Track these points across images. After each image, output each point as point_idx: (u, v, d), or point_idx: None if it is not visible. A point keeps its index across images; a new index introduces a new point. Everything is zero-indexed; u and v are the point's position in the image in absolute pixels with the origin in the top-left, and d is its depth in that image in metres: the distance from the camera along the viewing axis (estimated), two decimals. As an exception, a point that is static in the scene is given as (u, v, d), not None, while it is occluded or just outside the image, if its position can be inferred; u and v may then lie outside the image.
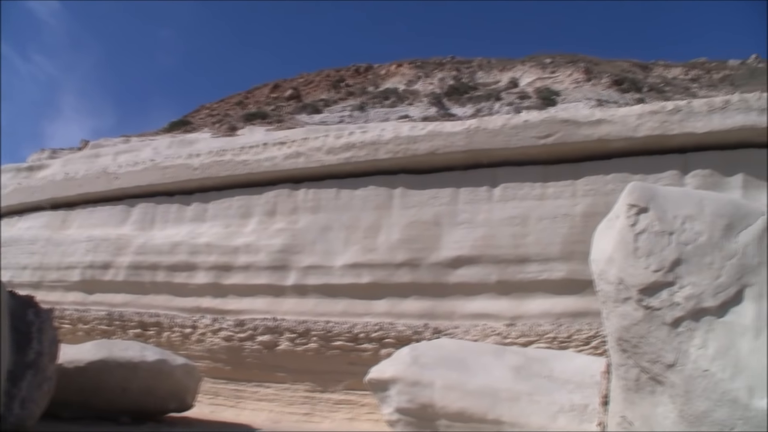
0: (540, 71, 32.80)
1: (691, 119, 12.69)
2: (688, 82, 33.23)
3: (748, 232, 5.70)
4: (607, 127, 12.95)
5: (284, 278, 15.23)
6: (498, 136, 13.59)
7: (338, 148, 15.27)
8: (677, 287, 5.30)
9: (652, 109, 13.03)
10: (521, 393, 8.93)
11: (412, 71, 38.42)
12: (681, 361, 5.18)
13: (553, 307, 12.84)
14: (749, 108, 12.60)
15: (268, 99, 37.98)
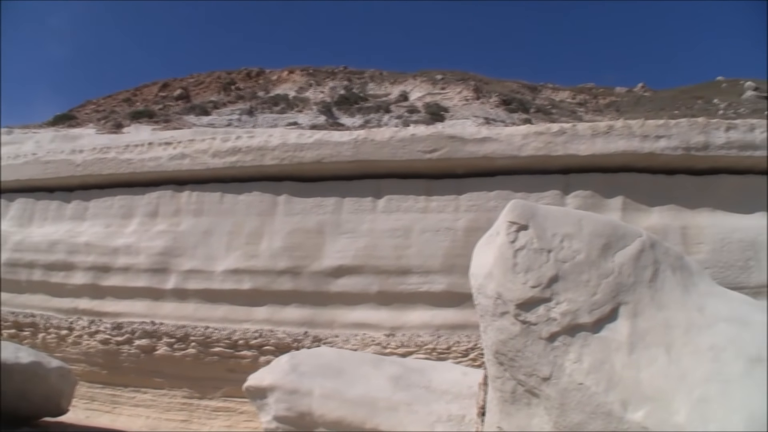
0: (430, 87, 33.12)
1: (575, 142, 13.10)
2: (574, 105, 34.16)
3: (624, 252, 5.92)
4: (492, 145, 13.24)
5: (164, 281, 15.03)
6: (385, 148, 13.72)
7: (224, 151, 15.14)
8: (554, 303, 5.44)
9: (538, 130, 13.40)
10: (399, 403, 8.97)
11: (304, 78, 38.31)
12: (556, 374, 5.32)
13: (433, 319, 13.03)
14: (632, 134, 13.10)
15: (157, 98, 37.30)
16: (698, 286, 6.52)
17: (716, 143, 13.28)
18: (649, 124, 13.28)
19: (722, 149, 13.30)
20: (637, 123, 13.34)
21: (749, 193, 13.57)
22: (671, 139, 13.13)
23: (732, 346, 5.96)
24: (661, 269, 6.12)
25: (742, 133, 13.49)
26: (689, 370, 5.55)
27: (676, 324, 5.86)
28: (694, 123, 13.45)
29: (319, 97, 33.20)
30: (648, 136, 13.09)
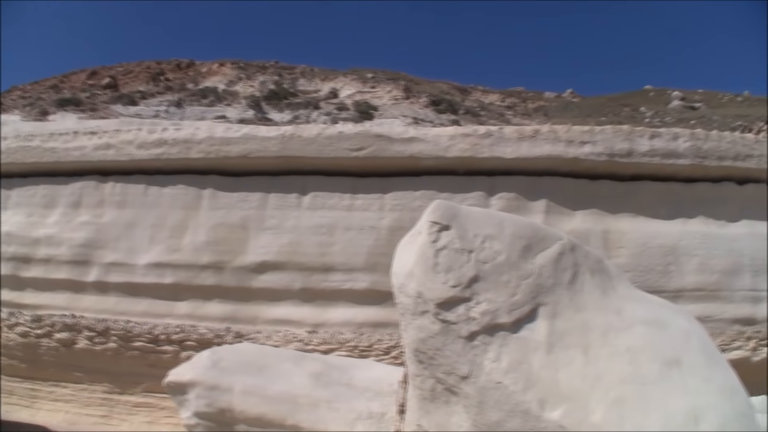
0: (361, 85, 33.12)
1: (501, 144, 13.23)
2: (503, 108, 34.52)
3: (544, 254, 5.99)
4: (419, 145, 13.29)
5: (85, 274, 14.74)
6: (312, 144, 13.66)
7: (150, 143, 14.88)
8: (474, 303, 5.48)
9: (464, 132, 13.49)
10: (320, 400, 8.95)
11: (234, 72, 37.99)
12: (475, 373, 5.36)
13: (356, 317, 13.06)
14: (557, 139, 13.28)
15: (85, 85, 36.62)
16: (617, 289, 6.63)
17: (640, 150, 13.55)
18: (575, 129, 13.48)
19: (646, 156, 13.57)
20: (563, 128, 13.54)
21: (671, 200, 13.89)
22: (596, 145, 13.35)
23: (649, 349, 6.07)
24: (580, 272, 6.21)
25: (665, 141, 13.78)
26: (606, 371, 5.64)
27: (594, 326, 5.95)
28: (619, 130, 13.70)
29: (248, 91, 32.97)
30: (573, 142, 13.29)
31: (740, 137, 14.95)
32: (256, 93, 31.96)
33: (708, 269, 13.62)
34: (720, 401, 6.09)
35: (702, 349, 6.82)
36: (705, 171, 14.04)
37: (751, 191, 14.54)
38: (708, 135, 14.31)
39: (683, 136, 13.94)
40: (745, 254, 13.99)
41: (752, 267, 14.04)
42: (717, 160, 14.02)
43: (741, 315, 13.84)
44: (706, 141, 14.09)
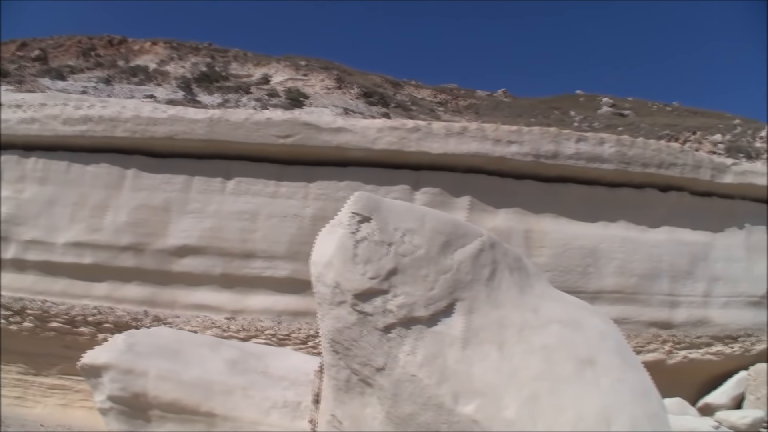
0: (293, 72, 32.81)
1: (429, 140, 13.25)
2: (435, 104, 34.49)
3: (464, 250, 6.00)
4: (346, 136, 13.25)
5: (3, 251, 14.34)
6: (239, 129, 13.51)
7: (75, 119, 14.52)
8: (391, 295, 5.47)
9: (393, 125, 13.49)
10: (235, 387, 8.91)
11: (167, 51, 37.28)
12: (390, 365, 5.35)
13: (275, 305, 12.98)
14: (485, 137, 13.36)
15: (13, 57, 35.57)
16: (534, 287, 6.68)
17: (566, 153, 13.71)
18: (503, 129, 13.58)
19: (571, 159, 13.74)
20: (491, 127, 13.63)
21: (593, 203, 14.10)
22: (523, 145, 13.47)
23: (564, 348, 6.13)
24: (499, 269, 6.24)
25: (591, 145, 13.98)
26: (521, 367, 5.68)
27: (511, 323, 5.98)
28: (546, 132, 13.85)
29: (179, 71, 32.37)
30: (500, 141, 13.39)
31: (665, 146, 15.24)
32: (187, 74, 31.40)
33: (627, 272, 13.86)
34: (632, 402, 6.18)
35: (617, 350, 6.91)
36: (629, 177, 14.28)
37: (673, 199, 14.83)
38: (633, 142, 14.55)
39: (609, 142, 14.14)
40: (664, 260, 14.26)
41: (670, 272, 14.33)
42: (641, 167, 14.26)
43: (658, 318, 14.12)
44: (632, 148, 14.32)
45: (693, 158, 15.12)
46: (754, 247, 15.55)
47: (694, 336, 14.45)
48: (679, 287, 14.38)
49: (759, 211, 15.89)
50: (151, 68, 32.62)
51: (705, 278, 14.74)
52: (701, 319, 14.57)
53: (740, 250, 15.36)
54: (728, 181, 15.30)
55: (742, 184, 15.45)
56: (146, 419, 9.13)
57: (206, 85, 28.66)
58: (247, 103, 23.38)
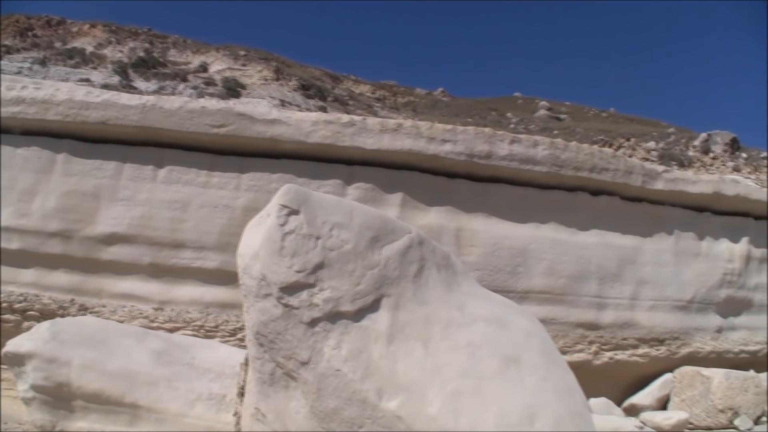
0: (232, 61, 32.55)
1: (363, 135, 13.23)
2: (373, 100, 34.47)
3: (392, 246, 6.01)
4: (280, 128, 13.14)
5: (-72, 234, 13.93)
6: (173, 117, 13.30)
7: (8, 100, 14.09)
8: (317, 289, 5.45)
9: (328, 119, 13.43)
10: (160, 378, 8.79)
11: (105, 35, 36.63)
12: (315, 359, 5.34)
13: (203, 296, 12.85)
14: (419, 135, 13.38)
15: (-50, 36, 34.69)
16: (461, 285, 6.72)
17: (499, 154, 13.80)
18: (437, 127, 13.62)
19: (504, 160, 13.84)
20: (426, 125, 13.66)
21: (525, 204, 14.22)
22: (456, 144, 13.52)
23: (489, 345, 6.17)
24: (426, 266, 6.26)
25: (525, 147, 14.10)
26: (445, 364, 5.70)
27: (437, 320, 6.01)
28: (480, 132, 13.93)
29: (117, 56, 31.87)
30: (434, 139, 13.42)
31: (598, 150, 15.46)
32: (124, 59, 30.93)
33: (555, 273, 14.02)
34: (556, 400, 6.24)
35: (542, 349, 6.98)
36: (560, 179, 14.44)
37: (604, 203, 15.05)
38: (567, 145, 14.71)
39: (542, 144, 14.28)
40: (592, 262, 14.46)
41: (599, 274, 14.54)
42: (573, 170, 14.43)
43: (585, 319, 14.31)
44: (564, 151, 14.48)
45: (625, 164, 15.36)
46: (682, 253, 15.87)
47: (620, 337, 14.70)
48: (607, 289, 14.61)
49: (688, 217, 16.22)
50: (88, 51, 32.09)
51: (633, 281, 14.99)
52: (628, 321, 14.82)
53: (668, 255, 15.66)
54: (659, 187, 15.57)
55: (673, 191, 15.74)
56: (69, 410, 8.97)
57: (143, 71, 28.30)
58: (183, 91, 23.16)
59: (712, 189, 16.23)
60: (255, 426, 6.11)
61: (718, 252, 16.44)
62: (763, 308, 17.32)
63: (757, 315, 17.19)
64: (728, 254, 16.52)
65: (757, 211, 17.33)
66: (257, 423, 6.07)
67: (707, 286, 16.10)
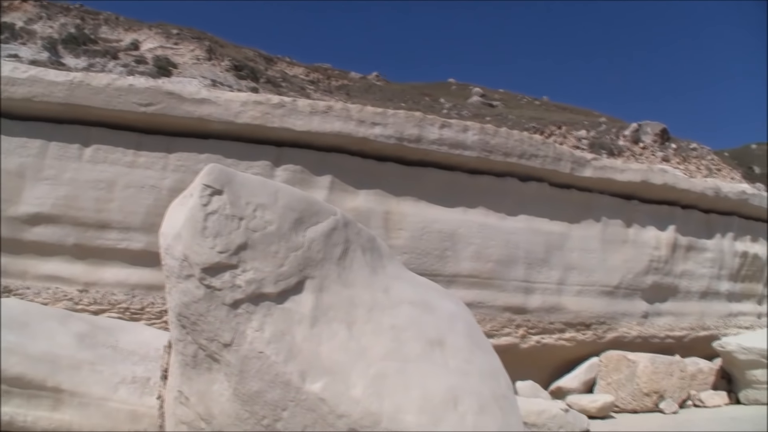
0: (164, 40, 32.00)
1: (293, 116, 13.12)
2: (306, 83, 34.19)
3: (316, 228, 5.99)
4: (209, 108, 12.97)
5: None
6: (100, 95, 13.02)
7: (-69, 76, 13.72)
8: (240, 271, 5.40)
9: (257, 100, 13.30)
10: (83, 361, 8.67)
11: (36, 10, 35.69)
12: (238, 341, 5.29)
13: (129, 278, 12.65)
14: (349, 117, 13.33)
15: None
16: (386, 268, 6.73)
17: (429, 138, 13.82)
18: (368, 110, 13.59)
19: (434, 144, 13.87)
20: (356, 107, 13.61)
21: (454, 189, 14.28)
22: (387, 127, 13.51)
23: (413, 328, 6.19)
24: (351, 248, 6.26)
25: (455, 132, 14.15)
26: (369, 347, 5.71)
27: (361, 302, 6.01)
28: (411, 116, 13.94)
29: (47, 32, 31.10)
30: (365, 122, 13.39)
31: (528, 137, 15.58)
32: (54, 35, 30.25)
33: (483, 258, 14.12)
34: (480, 383, 6.29)
35: (466, 332, 7.03)
36: (490, 165, 14.53)
37: (532, 189, 15.20)
38: (497, 131, 14.81)
39: (472, 130, 14.35)
40: (520, 247, 14.61)
41: (527, 259, 14.70)
42: (503, 156, 14.54)
43: (512, 303, 14.46)
44: (494, 137, 14.58)
45: (554, 151, 15.53)
46: (609, 240, 16.14)
47: (547, 321, 14.89)
48: (535, 274, 14.78)
49: (616, 205, 16.50)
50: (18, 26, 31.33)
51: (560, 267, 15.19)
52: (555, 306, 15.02)
53: (595, 241, 15.90)
54: (587, 174, 15.79)
55: (601, 178, 15.98)
56: (-8, 394, 8.81)
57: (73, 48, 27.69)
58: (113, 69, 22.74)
59: (640, 177, 16.52)
60: (178, 409, 6.05)
61: (645, 239, 16.75)
62: (689, 295, 17.75)
63: (683, 301, 17.60)
64: (655, 242, 16.85)
65: (684, 200, 17.75)
66: (180, 406, 6.00)
67: (634, 272, 16.41)
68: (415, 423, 5.38)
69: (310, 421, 5.20)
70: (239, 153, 13.05)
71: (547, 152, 15.24)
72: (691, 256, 17.80)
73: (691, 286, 17.82)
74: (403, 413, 5.39)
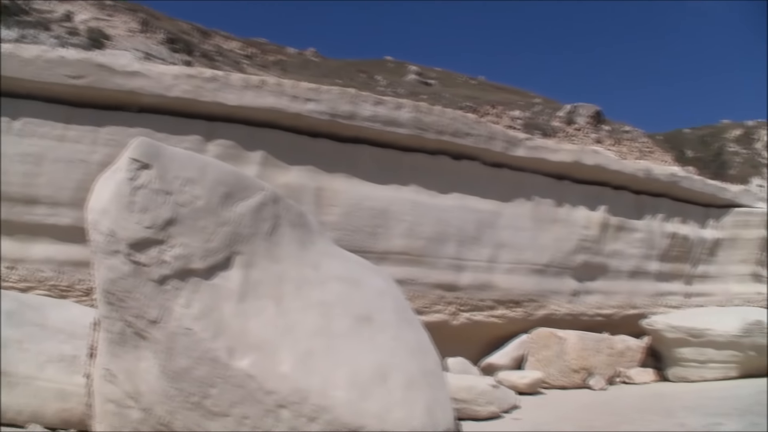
0: (98, 11, 31.44)
1: (225, 90, 12.95)
2: (241, 57, 33.93)
3: (245, 203, 5.97)
4: (141, 81, 12.73)
5: None
6: (29, 67, 12.68)
7: None
8: (168, 246, 5.36)
9: (190, 73, 13.11)
10: (10, 340, 8.53)
11: (-34, -20, 34.98)
12: (165, 318, 5.27)
13: (57, 254, 12.41)
14: (283, 92, 13.20)
15: None
16: (316, 244, 6.74)
17: (363, 115, 13.76)
18: (301, 86, 13.47)
19: (367, 121, 13.81)
20: (290, 83, 13.49)
21: (387, 166, 14.25)
22: (320, 103, 13.40)
23: (342, 304, 6.22)
24: (280, 224, 6.25)
25: (389, 109, 14.12)
26: (298, 323, 5.72)
27: (290, 278, 6.01)
28: (345, 92, 13.87)
29: (-23, 3, 30.45)
30: (298, 98, 13.26)
31: (461, 116, 15.63)
32: (-15, 5, 29.57)
33: (415, 235, 14.15)
34: (408, 359, 6.34)
35: (395, 308, 7.08)
36: (423, 143, 14.53)
37: (465, 167, 15.24)
38: (431, 109, 14.82)
39: (406, 107, 14.33)
40: (452, 224, 14.66)
41: (458, 237, 14.76)
42: (436, 134, 14.55)
43: (443, 281, 14.53)
44: (428, 114, 14.58)
45: (487, 130, 15.61)
46: (540, 219, 16.30)
47: (478, 299, 15.00)
48: (466, 252, 14.86)
49: (548, 185, 16.65)
50: (-55, -3, 30.59)
51: (491, 244, 15.30)
52: (486, 283, 15.14)
53: (527, 220, 16.05)
54: (520, 154, 15.89)
55: (534, 158, 16.10)
56: None
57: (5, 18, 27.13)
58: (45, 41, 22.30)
59: (572, 158, 16.69)
60: (106, 387, 6.00)
61: (576, 219, 16.95)
62: (618, 274, 18.04)
63: (613, 280, 17.89)
64: (585, 221, 17.07)
65: (615, 181, 18.00)
66: (108, 384, 5.96)
67: (564, 251, 16.61)
68: (344, 399, 5.41)
69: (239, 397, 5.21)
70: (170, 127, 12.83)
71: (480, 131, 15.30)
72: (621, 236, 18.08)
73: (621, 266, 18.11)
74: (332, 389, 5.41)
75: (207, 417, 5.27)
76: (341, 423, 5.29)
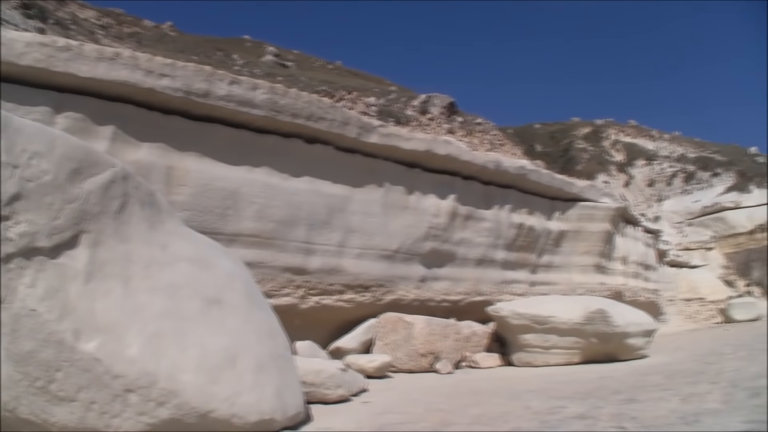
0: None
1: (78, 61, 12.50)
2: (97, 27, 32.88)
3: (94, 180, 5.84)
4: (-10, 48, 12.19)
5: None
6: None
7: None
8: (12, 223, 5.18)
9: (43, 41, 12.57)
10: None
11: None
12: (9, 298, 5.10)
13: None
14: (137, 66, 12.84)
15: None
16: (165, 224, 6.67)
17: (217, 93, 13.56)
18: (157, 60, 13.14)
19: (222, 100, 13.61)
20: (145, 57, 13.12)
21: (240, 147, 14.09)
22: (175, 80, 13.11)
23: (191, 286, 6.19)
24: (129, 203, 6.15)
25: (244, 89, 13.96)
26: (146, 305, 5.66)
27: (138, 258, 5.94)
28: (200, 70, 13.62)
29: None
30: (152, 72, 12.93)
31: (317, 99, 15.62)
32: None
33: (265, 217, 14.07)
34: (257, 342, 6.37)
35: (245, 291, 7.09)
36: (277, 125, 14.45)
37: (318, 151, 15.25)
38: (286, 92, 14.76)
39: (262, 88, 14.22)
40: (303, 208, 14.66)
41: (308, 221, 14.77)
42: (290, 117, 14.49)
43: (293, 264, 14.52)
44: (283, 97, 14.51)
45: (342, 115, 15.65)
46: (390, 205, 16.49)
47: (327, 283, 15.07)
48: (316, 236, 14.89)
49: (400, 172, 16.85)
50: None
51: (341, 229, 15.38)
52: (335, 268, 15.22)
53: (377, 206, 16.20)
54: (373, 140, 16.00)
55: (386, 145, 16.24)
56: None
57: None
58: None
59: (424, 147, 16.94)
60: (-56, 369, 5.78)
61: (426, 207, 17.23)
62: (466, 261, 18.48)
63: (460, 267, 18.31)
64: (435, 209, 17.38)
65: (465, 171, 18.38)
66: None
67: (413, 237, 16.86)
68: (193, 382, 5.40)
69: (85, 381, 5.12)
70: (19, 97, 12.26)
71: (334, 116, 15.33)
72: (470, 225, 18.49)
73: (468, 254, 18.54)
74: (181, 372, 5.40)
75: (53, 402, 5.14)
76: (190, 407, 5.28)
